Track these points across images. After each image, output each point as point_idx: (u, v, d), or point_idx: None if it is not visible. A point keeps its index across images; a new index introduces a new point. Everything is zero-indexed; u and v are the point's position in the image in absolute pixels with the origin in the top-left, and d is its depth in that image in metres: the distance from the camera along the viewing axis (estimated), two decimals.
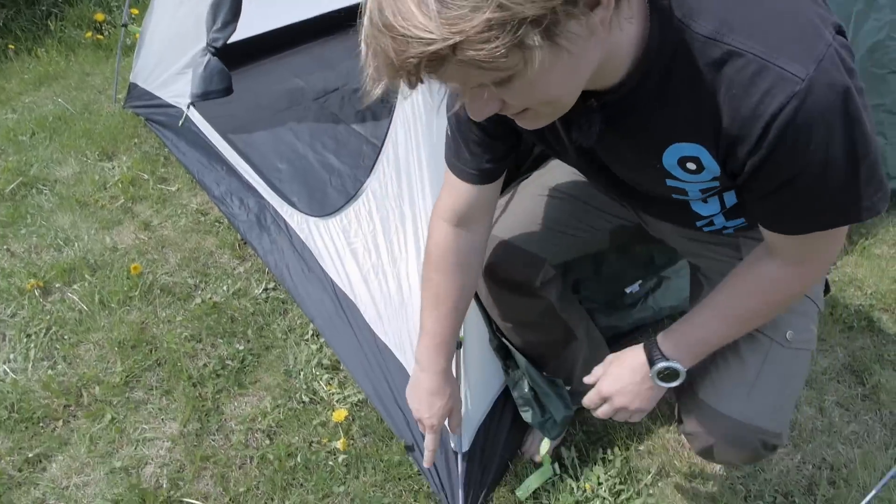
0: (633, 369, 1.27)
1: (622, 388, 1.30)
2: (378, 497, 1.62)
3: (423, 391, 1.36)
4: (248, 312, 2.09)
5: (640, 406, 1.29)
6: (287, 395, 1.86)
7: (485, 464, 1.63)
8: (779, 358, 1.27)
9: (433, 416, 1.36)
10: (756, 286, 1.13)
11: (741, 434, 1.25)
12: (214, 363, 1.95)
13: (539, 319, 1.52)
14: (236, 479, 1.69)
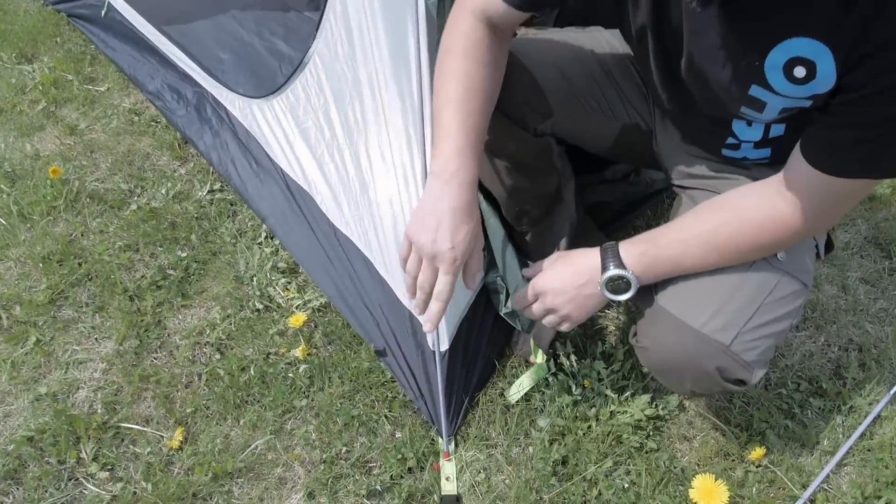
0: (578, 270, 1.13)
1: (560, 287, 1.14)
2: (346, 409, 1.40)
3: (444, 210, 1.05)
4: (191, 217, 1.82)
5: (572, 312, 1.14)
6: (238, 303, 1.62)
7: (468, 364, 1.41)
8: (764, 278, 1.06)
9: (457, 245, 1.05)
10: (752, 218, 1.01)
11: (701, 351, 1.04)
12: (153, 273, 1.69)
13: (534, 161, 1.28)
14: (182, 399, 1.46)
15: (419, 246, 1.09)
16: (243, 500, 1.32)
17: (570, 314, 1.15)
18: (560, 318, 1.16)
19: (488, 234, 1.36)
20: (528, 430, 1.38)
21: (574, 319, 1.16)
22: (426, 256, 1.09)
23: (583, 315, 1.15)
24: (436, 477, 1.32)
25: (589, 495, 1.27)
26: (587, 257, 1.13)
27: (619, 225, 1.68)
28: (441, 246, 1.06)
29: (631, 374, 1.43)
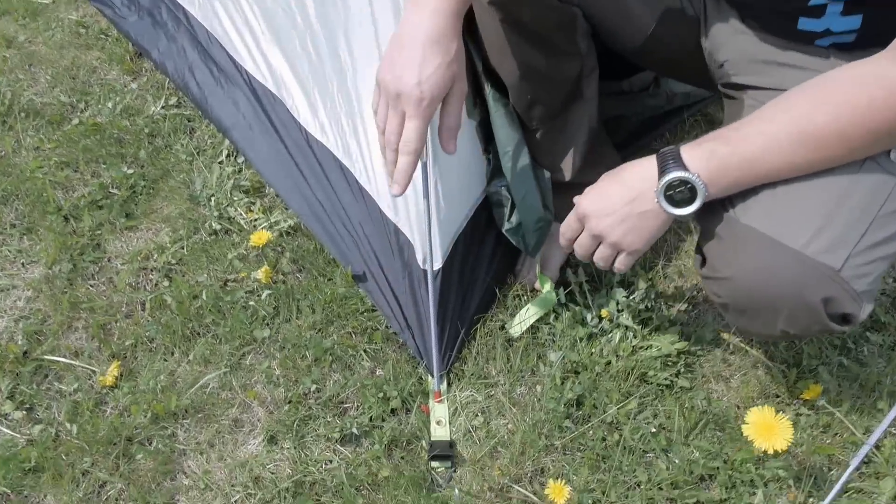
0: (627, 183, 0.91)
1: (607, 206, 0.92)
2: (316, 341, 1.17)
3: (411, 40, 0.87)
4: (141, 133, 1.57)
5: (624, 238, 0.92)
6: (192, 225, 1.38)
7: (465, 289, 1.19)
8: (877, 183, 0.84)
9: (424, 80, 0.87)
10: (861, 95, 0.79)
11: (803, 279, 0.81)
12: (94, 192, 1.44)
13: (554, 33, 1.04)
14: (121, 330, 1.22)
15: (384, 85, 0.90)
16: (189, 444, 1.08)
17: (622, 240, 0.93)
18: (612, 247, 0.94)
19: (495, 131, 1.13)
20: (535, 366, 1.15)
21: (630, 249, 0.93)
22: (391, 98, 0.89)
23: (639, 242, 0.92)
24: (424, 420, 1.10)
25: (609, 440, 1.05)
26: (638, 166, 0.91)
27: (635, 147, 1.46)
28: (405, 82, 0.87)
29: (656, 304, 1.21)
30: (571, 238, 0.99)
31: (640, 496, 0.98)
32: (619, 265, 0.97)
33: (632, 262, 0.96)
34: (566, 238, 1.00)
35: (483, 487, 1.01)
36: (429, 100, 0.88)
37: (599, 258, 0.97)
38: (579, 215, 0.96)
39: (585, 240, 0.96)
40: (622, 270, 0.97)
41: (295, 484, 1.03)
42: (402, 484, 1.00)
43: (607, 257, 0.96)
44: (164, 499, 1.02)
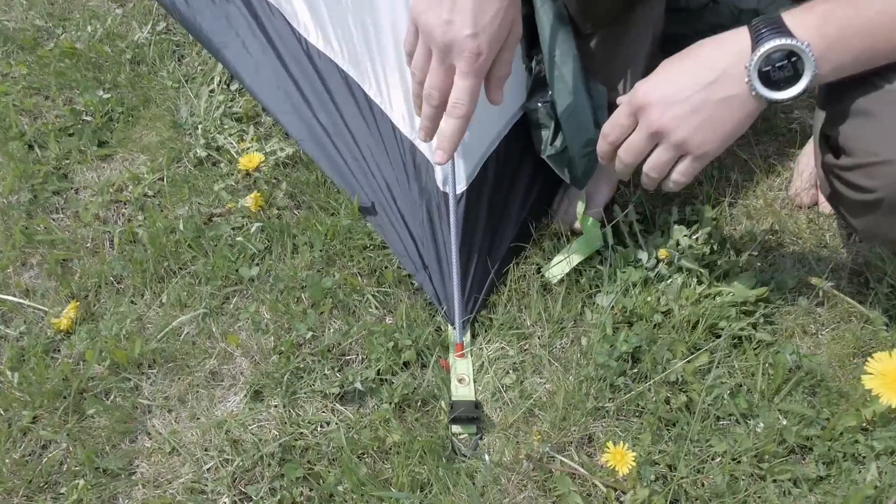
0: (707, 62, 0.72)
1: (676, 93, 0.71)
2: (314, 280, 0.96)
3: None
4: (122, 58, 1.38)
5: (693, 136, 0.71)
6: (174, 154, 1.18)
7: (494, 221, 0.98)
8: None
9: (481, 31, 0.71)
10: None
11: None
12: (65, 118, 1.25)
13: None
14: (84, 268, 1.03)
15: (427, 30, 0.73)
16: (155, 399, 0.88)
17: (690, 138, 0.72)
18: (674, 149, 0.73)
19: (540, 32, 0.93)
20: (579, 315, 0.95)
21: (698, 150, 0.72)
22: (437, 48, 0.73)
23: (713, 141, 0.71)
24: (444, 377, 0.90)
25: (675, 402, 0.84)
26: (722, 40, 0.71)
27: None
28: (458, 31, 0.72)
29: (723, 246, 1.00)
30: (617, 140, 0.78)
31: (718, 470, 0.77)
32: (678, 175, 0.75)
33: (696, 171, 0.75)
34: (609, 140, 0.78)
35: (517, 457, 0.81)
36: (486, 54, 0.72)
37: (654, 166, 0.76)
38: (634, 107, 0.75)
39: (639, 140, 0.75)
40: (681, 184, 0.76)
41: (282, 449, 0.83)
42: (415, 450, 0.80)
43: (665, 164, 0.75)
44: (119, 463, 0.82)
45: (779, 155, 1.18)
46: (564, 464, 0.80)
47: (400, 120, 0.98)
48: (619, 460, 0.71)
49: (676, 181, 0.76)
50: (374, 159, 1.03)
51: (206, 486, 0.80)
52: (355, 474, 0.78)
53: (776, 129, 1.22)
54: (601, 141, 0.80)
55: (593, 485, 0.79)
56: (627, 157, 0.77)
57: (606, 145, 0.79)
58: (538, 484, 0.79)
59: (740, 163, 1.16)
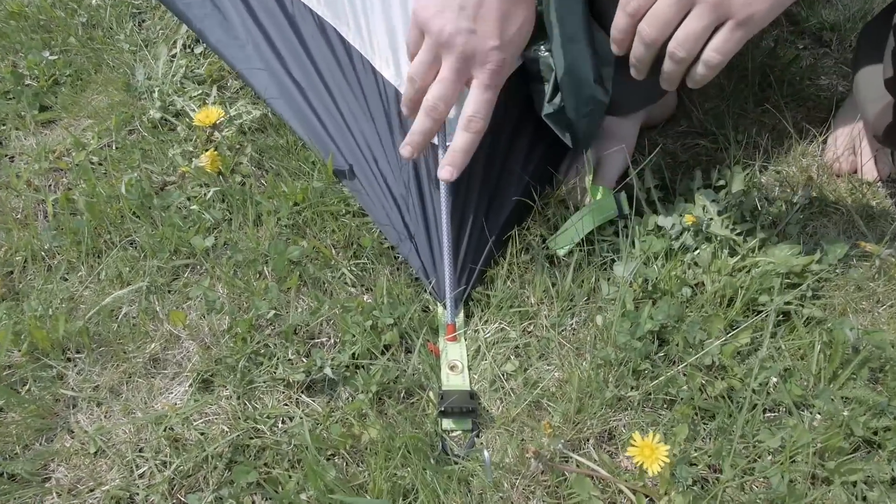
0: None
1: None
2: (279, 248, 0.81)
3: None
4: (75, 21, 1.24)
5: None
6: (126, 118, 1.04)
7: (492, 184, 0.84)
8: None
9: (508, 43, 0.69)
10: None
11: None
12: (4, 81, 1.11)
13: None
14: (11, 240, 0.87)
15: (443, 38, 0.68)
16: (82, 390, 0.73)
17: None
18: (712, 9, 0.59)
19: None
20: (593, 290, 0.80)
21: (743, 12, 0.59)
22: (454, 57, 0.68)
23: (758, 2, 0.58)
24: (433, 364, 0.75)
25: (712, 390, 0.70)
26: None
27: None
28: (482, 42, 0.67)
29: (754, 214, 0.86)
30: (640, 7, 0.63)
31: (774, 471, 0.62)
32: (712, 52, 0.61)
33: (737, 45, 0.61)
34: (631, 8, 0.63)
35: (523, 456, 0.65)
36: (509, 67, 0.70)
37: (684, 39, 0.61)
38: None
39: (669, 4, 0.60)
40: (715, 66, 0.62)
41: (233, 448, 0.67)
42: (397, 449, 0.65)
43: (699, 34, 0.60)
44: (30, 467, 0.66)
45: (809, 121, 1.05)
46: (581, 464, 0.65)
47: (383, 65, 0.84)
48: (649, 455, 0.56)
49: (710, 61, 0.61)
50: (352, 115, 0.89)
51: (136, 495, 0.65)
52: (321, 479, 0.63)
53: (803, 95, 1.10)
54: (619, 13, 0.65)
55: (617, 490, 0.64)
56: (652, 29, 0.62)
57: (626, 17, 0.64)
58: (549, 489, 0.64)
59: (767, 128, 1.03)
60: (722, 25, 0.60)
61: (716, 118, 1.03)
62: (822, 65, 1.17)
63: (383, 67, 0.84)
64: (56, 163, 0.98)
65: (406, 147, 0.76)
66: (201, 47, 1.14)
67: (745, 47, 1.02)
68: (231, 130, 0.99)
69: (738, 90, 1.07)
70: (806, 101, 1.10)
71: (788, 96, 1.08)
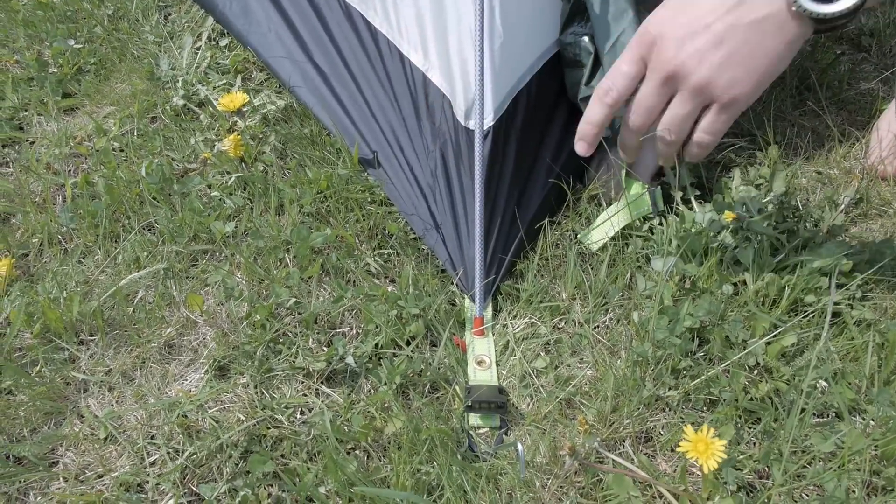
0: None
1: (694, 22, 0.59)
2: (302, 235, 0.79)
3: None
4: (100, 12, 1.23)
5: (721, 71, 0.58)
6: (149, 105, 1.02)
7: (524, 172, 0.81)
8: None
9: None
10: None
11: None
12: (29, 68, 1.10)
13: None
14: (28, 223, 0.85)
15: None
16: (94, 374, 0.70)
17: (715, 78, 0.59)
18: (695, 96, 0.60)
19: None
20: (628, 286, 0.76)
21: (727, 95, 0.59)
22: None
23: (746, 81, 0.58)
24: (459, 357, 0.71)
25: (756, 392, 0.65)
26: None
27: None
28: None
29: (800, 213, 0.82)
30: (620, 96, 0.63)
31: (828, 476, 0.57)
32: (702, 134, 0.62)
33: (725, 127, 0.61)
34: (611, 99, 0.63)
35: (556, 454, 0.61)
36: None
37: (670, 123, 0.61)
38: (644, 46, 0.61)
39: (651, 91, 0.61)
40: (706, 145, 0.63)
41: (248, 438, 0.64)
42: (422, 443, 0.61)
43: (685, 119, 0.61)
44: (37, 450, 0.63)
45: (850, 124, 1.01)
46: (618, 464, 0.61)
47: (411, 50, 0.82)
48: (703, 451, 0.51)
49: (701, 142, 0.62)
50: (377, 102, 0.86)
51: (145, 483, 0.61)
52: (342, 471, 0.59)
53: (843, 99, 1.06)
54: (595, 104, 0.64)
55: (657, 493, 0.60)
56: (637, 117, 0.62)
57: (605, 108, 0.63)
58: (583, 490, 0.60)
59: (807, 130, 0.99)
60: (708, 107, 0.60)
61: (753, 119, 1.00)
62: (861, 70, 1.14)
63: (411, 52, 0.82)
64: (76, 148, 0.96)
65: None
66: (226, 39, 1.13)
67: None
68: (254, 120, 0.97)
69: (776, 92, 1.04)
70: (846, 105, 1.06)
71: (828, 99, 1.05)
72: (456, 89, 0.77)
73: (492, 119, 0.75)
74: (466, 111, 0.76)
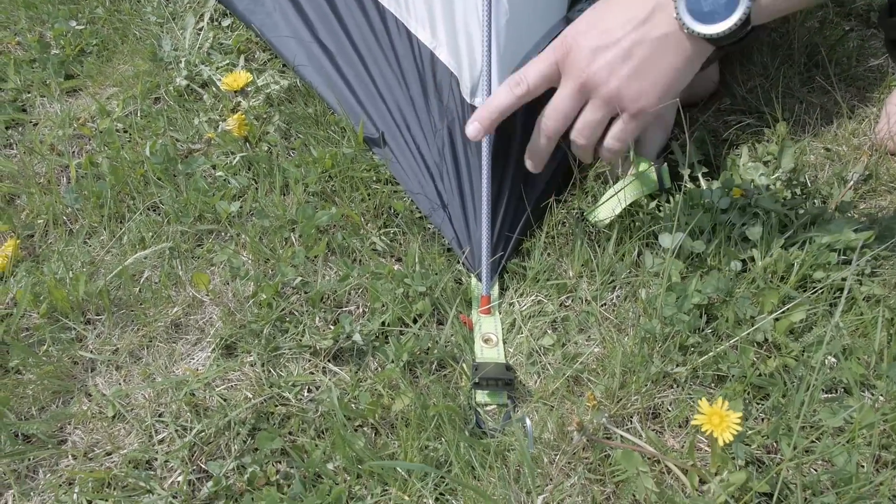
0: None
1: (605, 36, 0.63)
2: (307, 214, 0.78)
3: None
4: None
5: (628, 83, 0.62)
6: (152, 86, 1.01)
7: None
8: None
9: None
10: None
11: None
12: (31, 50, 1.09)
13: None
14: (32, 203, 0.85)
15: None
16: (101, 353, 0.70)
17: (623, 90, 0.63)
18: (604, 106, 0.64)
19: None
20: (635, 263, 0.76)
21: (633, 106, 0.63)
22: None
23: (651, 92, 0.62)
24: (466, 335, 0.71)
25: (765, 368, 0.65)
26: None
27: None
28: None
29: (808, 189, 0.81)
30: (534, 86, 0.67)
31: (837, 450, 0.57)
32: (611, 140, 0.66)
33: (633, 134, 0.65)
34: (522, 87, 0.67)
35: (563, 430, 0.61)
36: None
37: (582, 128, 0.65)
38: (561, 50, 0.64)
39: (565, 97, 0.65)
40: (615, 151, 0.67)
41: (256, 415, 0.64)
42: (430, 419, 0.61)
43: (596, 125, 0.65)
44: (46, 428, 0.64)
45: (859, 100, 1.00)
46: (625, 440, 0.61)
47: (419, 27, 0.81)
48: (718, 423, 0.51)
49: (611, 148, 0.66)
50: (384, 80, 0.86)
51: (154, 460, 0.62)
52: (351, 448, 0.59)
53: (852, 76, 1.05)
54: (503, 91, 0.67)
55: (665, 469, 0.60)
56: (551, 121, 0.66)
57: (512, 98, 0.67)
58: (590, 466, 0.60)
59: (815, 108, 0.98)
60: (617, 116, 0.64)
61: (761, 96, 0.99)
62: (870, 46, 1.12)
63: (419, 30, 0.81)
64: (80, 129, 0.96)
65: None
66: (229, 20, 1.12)
67: (790, 26, 0.98)
68: (258, 100, 0.96)
69: (784, 69, 1.03)
70: (855, 81, 1.05)
71: (837, 76, 1.04)
72: (462, 66, 0.76)
73: None
74: (472, 88, 0.75)
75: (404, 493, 0.58)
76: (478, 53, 0.75)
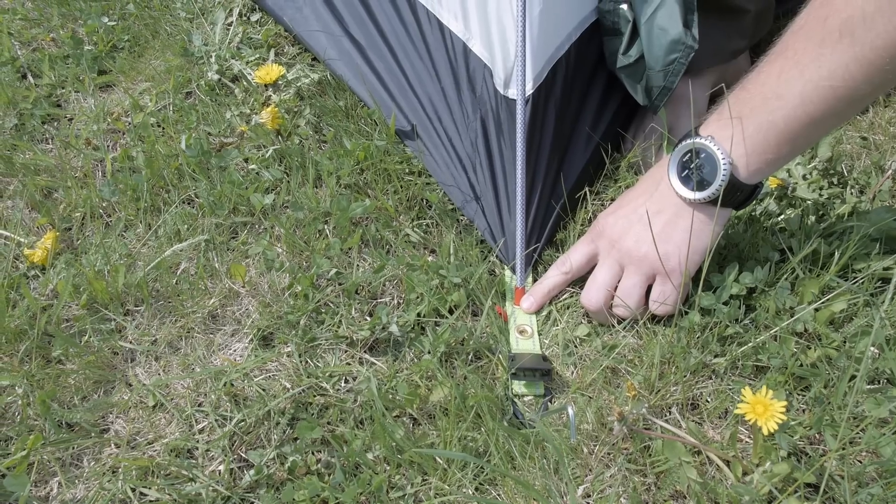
0: (650, 176, 0.70)
1: (627, 211, 0.69)
2: (342, 205, 0.78)
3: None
4: None
5: (651, 248, 0.66)
6: (184, 81, 1.02)
7: (563, 142, 0.80)
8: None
9: None
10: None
11: None
12: (65, 46, 1.11)
13: None
14: (70, 197, 0.86)
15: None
16: (140, 344, 0.71)
17: (650, 254, 0.67)
18: (639, 271, 0.68)
19: None
20: None
21: (662, 268, 0.66)
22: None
23: (676, 253, 0.66)
24: (501, 326, 0.71)
25: (806, 358, 0.64)
26: (664, 158, 0.70)
27: None
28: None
29: (846, 179, 0.80)
30: (577, 268, 0.73)
31: (885, 440, 0.57)
32: (655, 304, 0.68)
33: (672, 294, 0.67)
34: (567, 267, 0.73)
35: (603, 421, 0.61)
36: None
37: (623, 293, 0.68)
38: (594, 235, 0.72)
39: (604, 272, 0.69)
40: (666, 312, 0.68)
41: (294, 405, 0.64)
42: (469, 409, 0.61)
43: (631, 289, 0.68)
44: (89, 417, 0.64)
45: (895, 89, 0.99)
46: (666, 430, 0.60)
47: (451, 19, 0.81)
48: (762, 412, 0.50)
49: (657, 311, 0.68)
50: (415, 73, 0.86)
51: (195, 449, 0.62)
52: (391, 437, 0.59)
53: None
54: (554, 272, 0.73)
55: (706, 459, 0.59)
56: (592, 292, 0.69)
57: (561, 277, 0.72)
58: (630, 457, 0.60)
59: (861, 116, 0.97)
60: (654, 281, 0.67)
61: None
62: None
63: (451, 21, 0.81)
64: (114, 123, 0.97)
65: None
66: (258, 14, 1.13)
67: None
68: (288, 94, 0.96)
69: None
70: None
71: None
72: (496, 58, 0.76)
73: (531, 87, 0.74)
74: (505, 80, 0.75)
75: (444, 482, 0.58)
76: (511, 44, 0.75)
